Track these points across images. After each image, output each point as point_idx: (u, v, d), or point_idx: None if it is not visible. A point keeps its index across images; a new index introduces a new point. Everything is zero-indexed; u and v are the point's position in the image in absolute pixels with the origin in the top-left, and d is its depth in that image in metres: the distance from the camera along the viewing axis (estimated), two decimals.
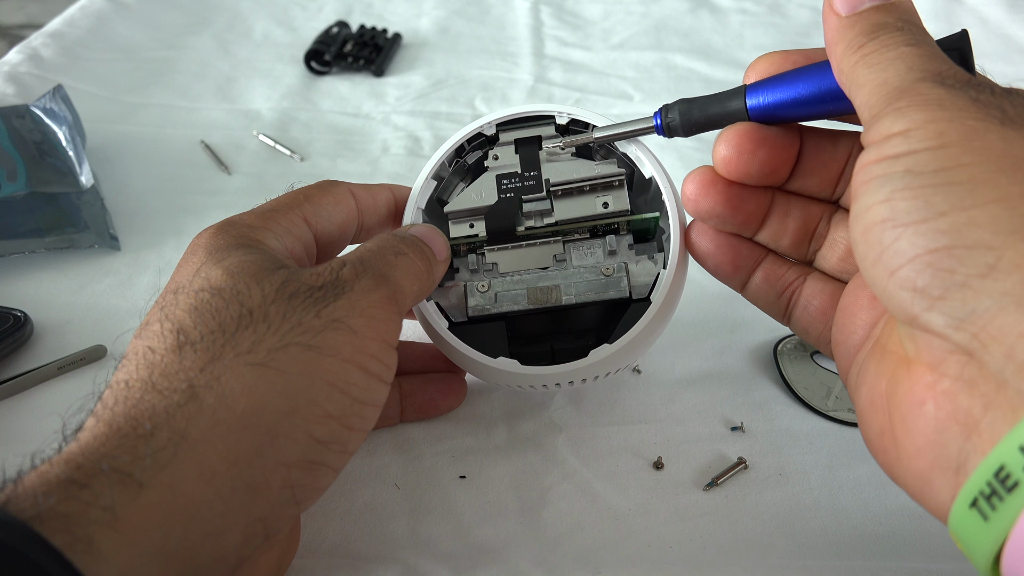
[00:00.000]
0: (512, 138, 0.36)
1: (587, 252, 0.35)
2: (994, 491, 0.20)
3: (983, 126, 0.22)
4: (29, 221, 0.49)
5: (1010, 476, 0.19)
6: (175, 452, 0.23)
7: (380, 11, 0.83)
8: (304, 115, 0.66)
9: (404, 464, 0.37)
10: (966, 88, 0.23)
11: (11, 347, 0.43)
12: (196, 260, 0.29)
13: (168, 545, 0.22)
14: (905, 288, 0.22)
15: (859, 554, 0.33)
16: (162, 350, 0.26)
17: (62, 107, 0.57)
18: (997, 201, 0.21)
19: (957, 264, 0.21)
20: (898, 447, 0.24)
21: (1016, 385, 0.20)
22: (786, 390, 0.41)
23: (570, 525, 0.35)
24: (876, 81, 0.24)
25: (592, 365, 0.32)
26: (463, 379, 0.39)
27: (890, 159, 0.23)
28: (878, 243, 0.23)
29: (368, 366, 0.27)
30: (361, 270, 0.29)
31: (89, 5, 0.79)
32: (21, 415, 0.40)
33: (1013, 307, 0.20)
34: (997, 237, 0.20)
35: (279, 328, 0.26)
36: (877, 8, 0.26)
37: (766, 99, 0.29)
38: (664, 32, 0.78)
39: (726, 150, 0.29)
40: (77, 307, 0.46)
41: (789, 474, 0.37)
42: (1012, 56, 0.72)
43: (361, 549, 0.34)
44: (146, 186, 0.57)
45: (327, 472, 0.27)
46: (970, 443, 0.21)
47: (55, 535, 0.21)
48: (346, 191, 0.34)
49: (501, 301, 0.34)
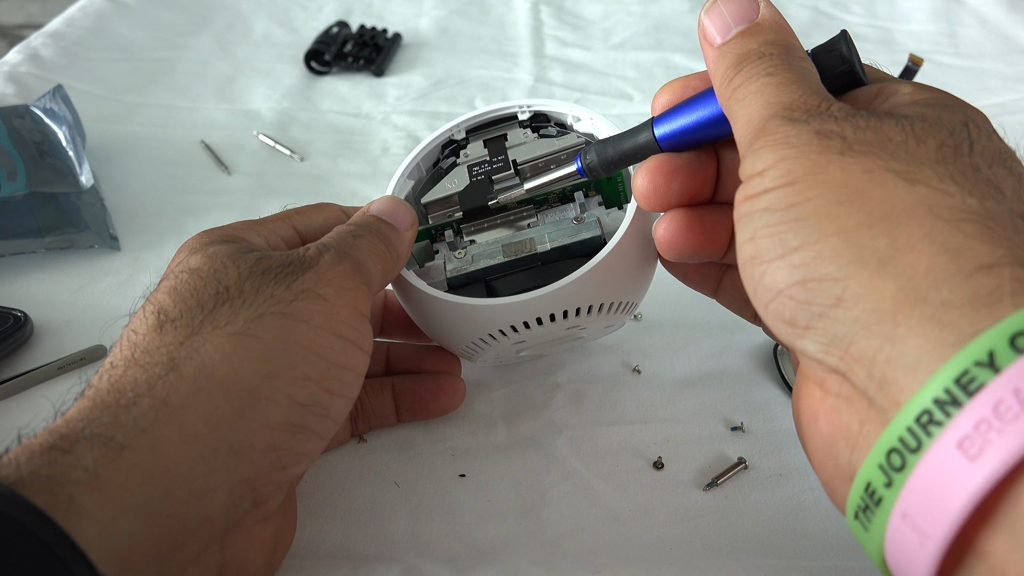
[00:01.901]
0: (481, 139, 0.39)
1: (559, 215, 0.37)
2: (867, 505, 0.22)
3: (824, 159, 0.23)
4: (29, 221, 0.49)
5: (875, 492, 0.21)
6: (155, 416, 0.24)
7: (380, 11, 0.83)
8: (304, 115, 0.66)
9: (404, 464, 0.37)
10: (811, 121, 0.24)
11: (11, 347, 0.43)
12: (180, 256, 0.31)
13: (150, 503, 0.23)
14: (778, 320, 0.24)
15: (859, 554, 0.33)
16: (144, 330, 0.27)
17: (62, 107, 0.57)
18: (837, 233, 0.22)
19: (812, 296, 0.22)
20: (810, 458, 0.26)
21: (880, 403, 0.21)
22: (786, 390, 0.41)
23: (570, 525, 0.35)
24: (743, 118, 0.26)
25: (563, 289, 0.32)
26: (457, 379, 0.39)
27: (751, 198, 0.24)
28: (751, 278, 0.24)
29: (342, 331, 0.28)
30: (324, 248, 0.30)
31: (89, 5, 0.79)
32: (21, 415, 0.40)
33: (863, 333, 0.21)
34: (840, 269, 0.22)
35: (253, 301, 0.28)
36: (742, 35, 0.27)
37: (671, 127, 0.30)
38: (664, 32, 0.78)
39: (643, 185, 0.31)
40: (77, 307, 0.46)
41: (789, 474, 0.37)
42: (1012, 56, 0.72)
43: (361, 549, 0.34)
44: (146, 186, 0.57)
45: (311, 436, 0.28)
46: (854, 456, 0.23)
47: (36, 495, 0.21)
48: (336, 209, 0.36)
49: (477, 260, 0.35)
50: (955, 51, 0.74)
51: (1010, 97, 0.66)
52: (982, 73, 0.70)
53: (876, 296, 0.21)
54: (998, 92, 0.67)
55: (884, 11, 0.82)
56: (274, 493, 0.28)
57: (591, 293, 0.33)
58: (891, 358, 0.21)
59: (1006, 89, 0.68)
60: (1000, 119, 0.72)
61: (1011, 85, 0.68)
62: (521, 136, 0.38)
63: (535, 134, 0.38)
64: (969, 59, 0.72)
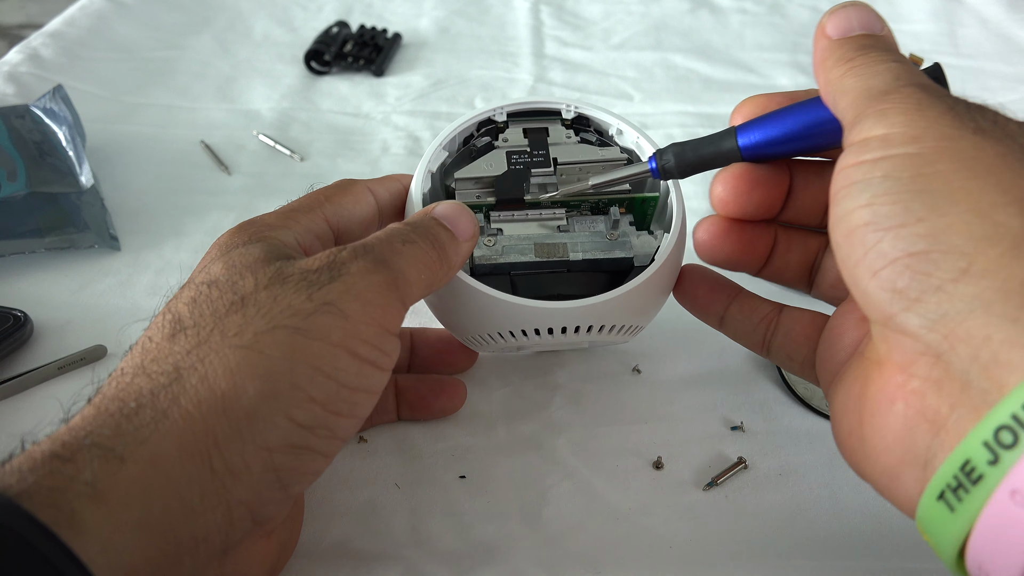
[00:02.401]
0: (521, 128, 0.38)
1: (590, 224, 0.36)
2: (960, 484, 0.21)
3: (958, 133, 0.23)
4: (29, 221, 0.49)
5: (975, 469, 0.20)
6: (156, 428, 0.24)
7: (380, 11, 0.83)
8: (304, 115, 0.66)
9: (404, 463, 0.37)
10: (944, 98, 0.24)
11: (11, 347, 0.43)
12: (208, 258, 0.29)
13: (149, 520, 0.23)
14: (885, 289, 0.23)
15: (859, 554, 0.33)
16: (158, 338, 0.26)
17: (62, 107, 0.57)
18: (970, 208, 0.22)
19: (933, 268, 0.22)
20: (866, 445, 0.25)
21: (980, 384, 0.21)
22: (786, 390, 0.41)
23: (570, 525, 0.35)
24: (861, 87, 0.25)
25: (589, 308, 0.32)
26: (459, 383, 0.39)
27: (869, 164, 0.24)
28: (861, 245, 0.24)
29: (359, 351, 0.27)
30: (361, 252, 0.28)
31: (89, 5, 0.79)
32: (21, 415, 0.40)
33: (981, 311, 0.21)
34: (969, 243, 0.21)
35: (268, 311, 0.26)
36: (866, 34, 0.27)
37: (756, 137, 0.30)
38: (664, 32, 0.78)
39: (723, 192, 0.31)
40: (77, 307, 0.46)
41: (789, 474, 0.37)
42: (1012, 56, 0.72)
43: (361, 548, 0.34)
44: (146, 186, 0.57)
45: (315, 457, 0.27)
46: (937, 440, 0.22)
47: (41, 510, 0.21)
48: (364, 188, 0.34)
49: (508, 253, 0.34)
50: (955, 51, 0.74)
51: (1010, 97, 0.66)
52: (982, 73, 0.70)
53: (1005, 274, 0.20)
54: (998, 92, 0.67)
55: (884, 11, 0.81)
56: (276, 513, 0.27)
57: (614, 314, 0.33)
58: (1010, 339, 0.20)
59: (1006, 89, 0.68)
60: None
61: (1011, 85, 0.68)
62: (563, 135, 0.38)
63: (576, 137, 0.38)
64: (969, 59, 0.72)
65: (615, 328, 0.34)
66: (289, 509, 0.29)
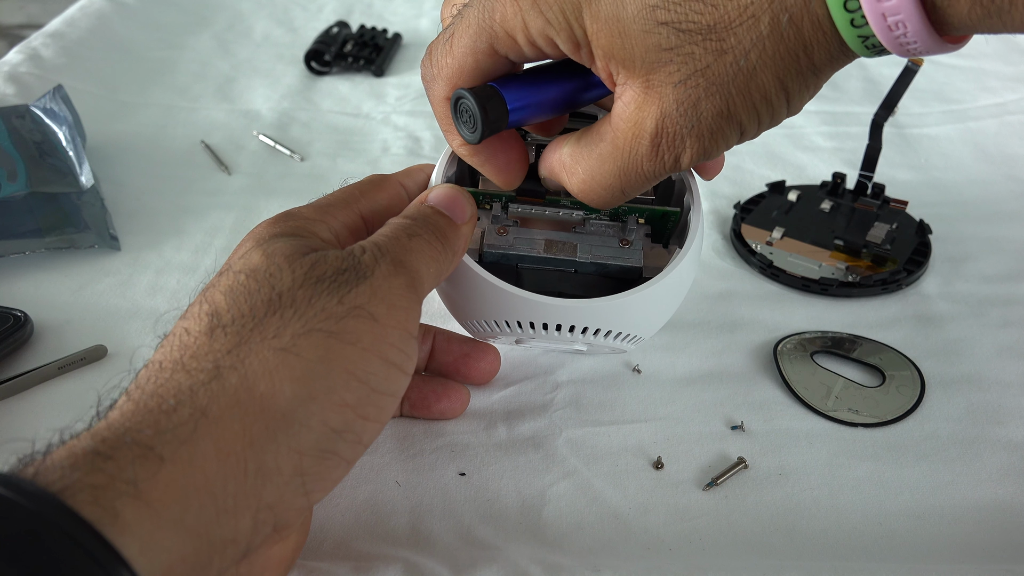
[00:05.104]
0: None
1: (605, 229, 0.36)
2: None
3: None
4: (29, 221, 0.50)
5: None
6: (195, 427, 0.24)
7: (380, 11, 0.83)
8: (304, 115, 0.66)
9: (404, 462, 0.37)
10: None
11: (11, 347, 0.43)
12: (244, 247, 0.30)
13: (186, 520, 0.23)
14: None
15: (859, 554, 0.33)
16: (196, 332, 0.27)
17: (62, 107, 0.57)
18: None
19: None
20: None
21: None
22: (786, 390, 0.41)
23: (570, 524, 0.35)
24: None
25: (588, 309, 0.32)
26: (463, 389, 0.39)
27: None
28: None
29: (388, 355, 0.27)
30: (379, 255, 0.29)
31: (89, 5, 0.79)
32: (21, 415, 0.40)
33: None
34: None
35: (304, 313, 0.27)
36: None
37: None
38: None
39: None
40: (77, 307, 0.46)
41: (789, 474, 0.37)
42: (1012, 56, 0.72)
43: (362, 547, 0.34)
44: (146, 186, 0.57)
45: (339, 463, 0.27)
46: None
47: (84, 507, 0.21)
48: (396, 183, 0.35)
49: (517, 245, 0.35)
50: (955, 51, 0.74)
51: (1010, 97, 0.66)
52: (982, 73, 0.70)
53: None
54: (998, 92, 0.67)
55: None
56: (294, 520, 0.27)
57: (612, 319, 0.33)
58: None
59: (1006, 89, 0.68)
60: (1000, 119, 0.72)
61: (1011, 85, 0.68)
62: None
63: None
64: (969, 59, 0.72)
65: (612, 334, 0.34)
66: (303, 517, 0.29)
